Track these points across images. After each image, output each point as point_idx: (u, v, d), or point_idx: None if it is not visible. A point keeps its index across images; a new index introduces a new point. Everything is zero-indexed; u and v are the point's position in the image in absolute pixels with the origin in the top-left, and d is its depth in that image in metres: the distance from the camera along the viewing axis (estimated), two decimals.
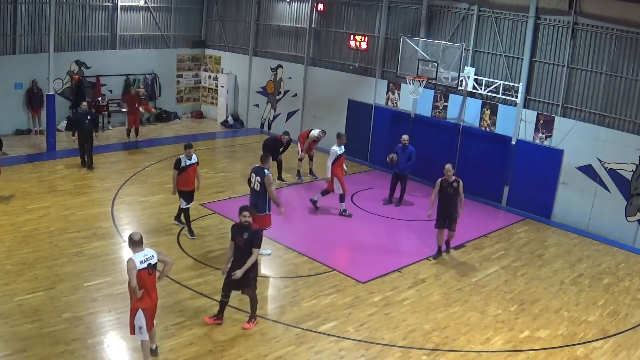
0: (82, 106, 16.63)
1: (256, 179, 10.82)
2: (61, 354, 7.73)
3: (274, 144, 15.50)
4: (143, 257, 7.43)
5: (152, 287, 7.57)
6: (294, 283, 10.39)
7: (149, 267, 7.45)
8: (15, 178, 14.56)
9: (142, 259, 7.40)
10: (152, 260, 7.53)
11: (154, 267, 7.55)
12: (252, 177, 10.95)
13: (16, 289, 9.23)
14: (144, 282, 7.41)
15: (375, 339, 8.78)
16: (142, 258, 7.41)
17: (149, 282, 7.49)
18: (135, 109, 18.67)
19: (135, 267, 7.29)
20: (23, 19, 18.49)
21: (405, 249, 12.56)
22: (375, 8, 18.02)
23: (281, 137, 15.64)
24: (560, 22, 14.22)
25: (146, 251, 7.53)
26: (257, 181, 10.80)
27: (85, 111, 16.25)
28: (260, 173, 10.79)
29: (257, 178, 10.81)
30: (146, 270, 7.42)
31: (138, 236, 7.50)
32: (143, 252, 7.48)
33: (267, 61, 21.44)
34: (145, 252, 7.50)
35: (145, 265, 7.41)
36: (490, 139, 15.62)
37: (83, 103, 16.88)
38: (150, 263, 7.48)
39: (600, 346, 9.07)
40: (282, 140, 15.58)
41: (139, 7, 21.46)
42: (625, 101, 13.42)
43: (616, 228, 13.57)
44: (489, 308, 10.01)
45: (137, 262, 7.33)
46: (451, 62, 14.98)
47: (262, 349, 8.30)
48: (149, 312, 7.54)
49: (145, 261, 7.43)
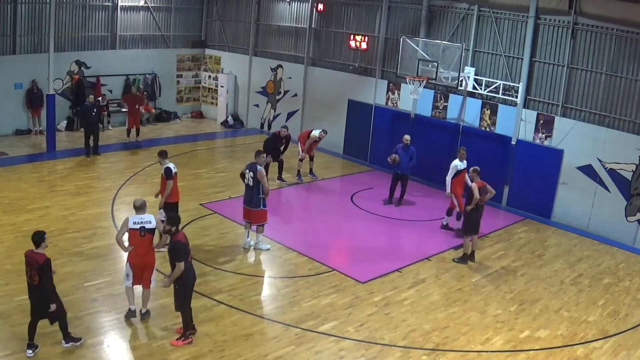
0: (89, 99, 17.29)
1: (249, 175, 11.10)
2: (61, 354, 7.73)
3: (274, 141, 15.54)
4: (138, 219, 8.42)
5: (143, 247, 8.45)
6: (294, 283, 10.39)
7: (141, 229, 8.38)
8: (15, 178, 14.56)
9: (136, 220, 8.41)
10: (148, 225, 8.43)
11: (147, 231, 8.42)
12: (246, 174, 11.18)
13: (16, 289, 9.21)
14: (134, 241, 8.45)
15: (375, 339, 8.78)
16: (137, 220, 8.42)
17: (139, 242, 8.42)
18: (136, 109, 18.58)
19: (126, 225, 8.41)
20: (23, 19, 18.49)
21: (405, 249, 12.57)
22: (375, 8, 18.02)
23: (279, 132, 15.67)
24: (560, 22, 14.23)
25: (145, 216, 8.48)
26: (251, 177, 11.09)
27: (92, 104, 17.05)
28: (252, 168, 11.08)
29: (250, 174, 11.09)
30: (137, 231, 8.38)
31: (139, 202, 8.58)
32: (140, 216, 8.46)
33: (267, 61, 21.44)
34: (143, 217, 8.46)
35: (138, 226, 8.38)
36: (490, 139, 15.62)
37: (90, 96, 17.55)
38: (144, 227, 8.40)
39: (600, 346, 9.07)
40: (281, 134, 15.59)
41: (139, 7, 21.45)
42: (625, 101, 13.42)
43: (616, 228, 13.57)
44: (489, 308, 10.01)
45: (131, 222, 8.40)
46: (451, 62, 14.98)
47: (262, 349, 8.30)
48: (137, 267, 8.49)
49: (139, 223, 8.40)
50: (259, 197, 11.13)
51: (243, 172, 11.34)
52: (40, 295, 7.50)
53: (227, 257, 11.15)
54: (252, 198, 11.15)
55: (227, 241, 11.89)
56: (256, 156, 11.28)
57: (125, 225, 8.44)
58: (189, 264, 8.11)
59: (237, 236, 12.17)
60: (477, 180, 11.63)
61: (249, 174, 11.11)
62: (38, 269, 7.39)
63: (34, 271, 7.41)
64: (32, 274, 7.44)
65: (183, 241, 8.04)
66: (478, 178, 11.66)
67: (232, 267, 10.74)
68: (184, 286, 8.09)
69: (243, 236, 11.71)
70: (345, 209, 14.42)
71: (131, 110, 18.69)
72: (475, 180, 11.66)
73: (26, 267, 7.51)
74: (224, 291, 9.83)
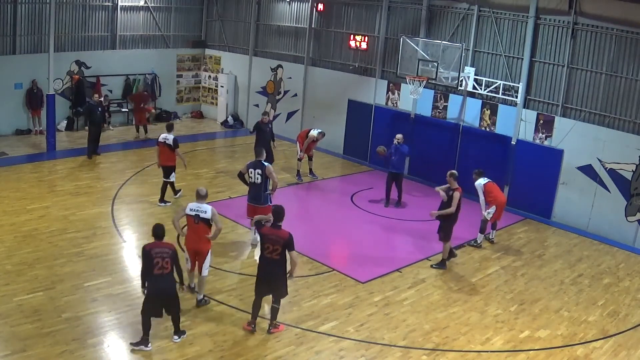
0: (94, 98, 17.47)
1: (256, 172, 11.13)
2: (61, 354, 7.72)
3: (259, 130, 15.54)
4: (195, 206, 9.01)
5: (196, 234, 9.01)
6: (294, 283, 10.34)
7: (195, 217, 8.95)
8: (15, 178, 14.56)
9: (193, 207, 9.02)
10: (202, 214, 8.95)
11: (201, 220, 8.94)
12: (250, 172, 11.20)
13: (16, 289, 9.23)
14: (189, 226, 9.11)
15: (375, 339, 8.78)
16: (194, 207, 9.02)
17: (193, 228, 9.03)
18: (141, 107, 19.43)
19: (183, 210, 9.13)
20: (23, 19, 18.48)
21: (405, 249, 12.55)
22: (375, 8, 18.02)
23: (262, 120, 15.79)
24: (560, 22, 14.23)
25: (203, 205, 9.03)
26: (258, 174, 11.12)
27: (97, 102, 17.18)
28: (258, 166, 11.16)
29: (256, 171, 11.14)
30: (192, 218, 8.99)
31: (203, 192, 9.18)
32: (199, 204, 9.03)
33: (267, 61, 21.44)
34: (200, 205, 9.02)
35: (193, 213, 8.97)
36: (490, 139, 15.62)
37: (95, 95, 17.75)
38: (199, 215, 8.95)
39: (600, 346, 9.07)
40: (264, 121, 15.68)
41: (139, 7, 21.45)
42: (625, 101, 13.42)
43: (616, 228, 13.57)
44: (489, 308, 10.01)
45: (188, 208, 9.06)
46: (451, 62, 14.98)
47: (262, 349, 8.30)
48: (190, 252, 9.17)
49: (195, 210, 8.99)
50: (265, 193, 11.23)
51: (242, 171, 11.37)
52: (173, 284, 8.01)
53: (227, 257, 11.15)
54: (259, 195, 11.21)
55: (227, 241, 11.88)
56: (257, 154, 11.39)
57: (183, 210, 9.16)
58: None
59: (237, 236, 12.17)
60: (455, 185, 11.06)
61: (254, 171, 11.14)
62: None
63: (168, 259, 7.90)
64: (165, 263, 7.87)
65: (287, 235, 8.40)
66: (456, 183, 11.09)
67: (232, 267, 10.74)
68: None
69: (250, 233, 11.83)
70: (345, 209, 14.42)
71: (137, 108, 19.52)
72: (452, 185, 11.08)
73: (156, 259, 7.83)
74: (224, 291, 9.83)
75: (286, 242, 8.26)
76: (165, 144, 13.46)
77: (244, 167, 11.39)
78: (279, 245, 8.27)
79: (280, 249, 8.28)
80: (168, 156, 13.51)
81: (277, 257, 8.32)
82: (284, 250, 8.31)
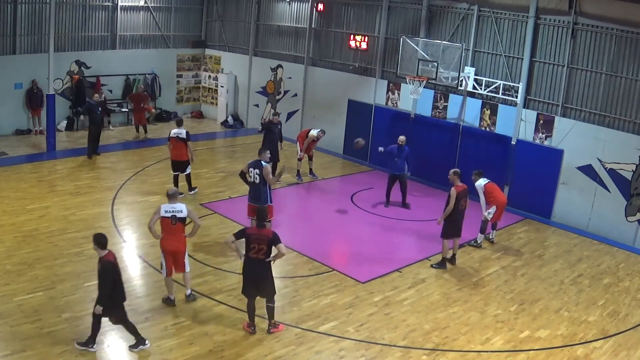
0: (94, 98, 17.53)
1: (255, 172, 11.18)
2: (61, 354, 7.72)
3: (268, 130, 15.55)
4: (170, 208, 8.86)
5: (174, 235, 8.88)
6: (294, 283, 10.39)
7: (172, 217, 8.81)
8: (15, 178, 14.56)
9: (167, 209, 8.85)
10: (179, 214, 8.85)
11: (178, 220, 8.85)
12: (250, 172, 11.23)
13: (16, 289, 9.23)
14: (165, 228, 8.90)
15: (375, 339, 8.78)
16: (168, 209, 8.85)
17: (170, 230, 8.86)
18: (141, 107, 19.41)
19: (158, 213, 8.86)
20: (23, 19, 18.47)
21: (406, 249, 12.56)
22: (375, 8, 18.02)
23: (272, 119, 15.91)
24: (560, 22, 14.22)
25: (177, 205, 8.91)
26: (256, 174, 11.17)
27: (97, 102, 17.23)
28: (258, 166, 11.19)
29: (255, 171, 11.18)
30: (169, 219, 8.82)
31: (172, 191, 9.12)
32: (172, 205, 8.89)
33: (267, 61, 21.44)
34: (175, 206, 8.89)
35: (169, 215, 8.82)
36: (490, 139, 15.62)
37: (95, 95, 17.84)
38: (175, 215, 8.83)
39: (600, 346, 9.07)
40: (274, 121, 15.77)
41: (139, 7, 21.44)
42: (625, 101, 13.42)
43: (616, 228, 13.57)
44: (489, 308, 10.01)
45: (163, 210, 8.86)
46: (451, 62, 14.98)
47: (262, 349, 8.30)
48: (169, 253, 8.95)
49: (170, 212, 8.84)
50: (265, 193, 11.25)
51: (244, 171, 11.40)
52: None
53: (227, 257, 11.14)
54: (259, 195, 11.24)
55: None
56: (260, 154, 11.43)
57: (157, 213, 8.92)
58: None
59: None
60: (457, 183, 11.10)
61: (253, 171, 11.18)
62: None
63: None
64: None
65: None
66: (458, 181, 11.15)
67: (232, 267, 10.73)
68: None
69: None
70: (345, 209, 14.42)
71: (136, 108, 19.52)
72: (455, 183, 11.11)
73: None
74: (224, 291, 9.82)
75: (271, 240, 8.28)
76: (179, 138, 13.60)
77: (245, 167, 11.42)
78: (265, 244, 8.25)
79: (265, 247, 8.26)
80: (181, 151, 13.68)
81: (262, 256, 8.28)
82: (269, 249, 8.30)
